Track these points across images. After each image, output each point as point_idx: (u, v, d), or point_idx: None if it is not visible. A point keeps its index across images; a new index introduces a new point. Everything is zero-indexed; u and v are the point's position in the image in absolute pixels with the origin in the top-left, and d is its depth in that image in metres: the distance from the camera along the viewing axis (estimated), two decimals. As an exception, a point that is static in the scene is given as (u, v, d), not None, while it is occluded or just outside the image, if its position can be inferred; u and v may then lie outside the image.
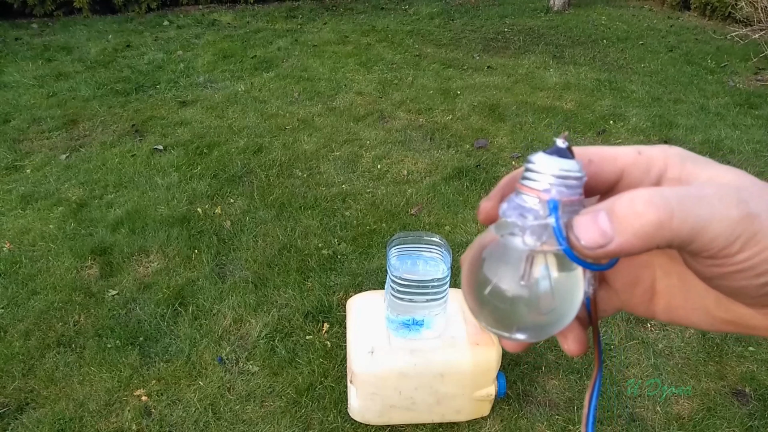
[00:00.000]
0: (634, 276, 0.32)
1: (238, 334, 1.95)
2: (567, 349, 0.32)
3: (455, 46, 4.94)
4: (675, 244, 0.25)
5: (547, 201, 0.27)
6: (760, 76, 4.24)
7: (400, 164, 3.01)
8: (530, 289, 0.28)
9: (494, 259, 0.29)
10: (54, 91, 3.88)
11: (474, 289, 0.30)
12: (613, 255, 0.26)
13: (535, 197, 0.28)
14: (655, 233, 0.25)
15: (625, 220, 0.25)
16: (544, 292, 0.28)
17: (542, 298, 0.28)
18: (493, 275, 0.29)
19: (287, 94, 3.89)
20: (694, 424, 1.65)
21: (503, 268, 0.29)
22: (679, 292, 0.31)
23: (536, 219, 0.28)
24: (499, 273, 0.29)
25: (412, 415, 1.58)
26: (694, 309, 0.31)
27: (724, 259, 0.26)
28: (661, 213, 0.25)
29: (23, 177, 2.88)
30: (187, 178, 2.86)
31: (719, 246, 0.25)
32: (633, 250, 0.25)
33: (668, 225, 0.25)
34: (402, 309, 1.46)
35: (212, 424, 1.65)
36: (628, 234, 0.25)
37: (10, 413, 1.67)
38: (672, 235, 0.25)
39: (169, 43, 4.92)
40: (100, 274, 2.21)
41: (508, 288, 0.28)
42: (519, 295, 0.28)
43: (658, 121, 3.45)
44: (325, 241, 2.40)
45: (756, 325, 0.29)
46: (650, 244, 0.25)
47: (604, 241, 0.26)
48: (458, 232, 2.47)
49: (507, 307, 0.29)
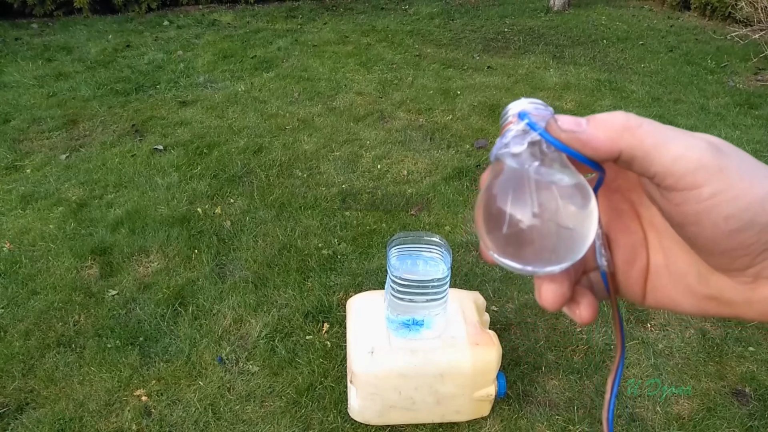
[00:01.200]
0: (632, 251, 0.33)
1: (238, 334, 1.95)
2: (578, 315, 0.32)
3: (455, 46, 4.94)
4: (638, 158, 0.27)
5: (518, 113, 0.31)
6: (760, 76, 4.24)
7: (400, 164, 3.01)
8: (540, 207, 0.28)
9: (502, 192, 0.29)
10: (54, 91, 3.88)
11: (488, 224, 0.30)
12: (582, 144, 0.28)
13: (512, 124, 0.31)
14: (621, 134, 0.27)
15: (600, 119, 0.28)
16: (554, 207, 0.28)
17: (554, 216, 0.28)
18: (504, 203, 0.29)
19: (287, 94, 3.89)
20: (694, 424, 1.65)
21: (511, 194, 0.29)
22: (664, 270, 0.32)
23: (517, 130, 0.30)
24: (508, 200, 0.29)
25: (412, 415, 1.58)
26: (677, 287, 0.32)
27: (687, 191, 0.26)
28: (631, 120, 0.27)
29: (23, 177, 2.88)
30: (187, 178, 2.86)
31: (682, 171, 0.26)
32: (598, 146, 0.28)
33: (634, 130, 0.27)
34: (402, 309, 1.46)
35: (212, 424, 1.65)
36: (598, 128, 0.28)
37: (10, 413, 1.67)
38: (636, 141, 0.27)
39: (169, 43, 4.92)
40: (100, 274, 2.21)
41: (520, 213, 0.28)
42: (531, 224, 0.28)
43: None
44: (325, 241, 2.40)
45: (735, 300, 0.29)
46: (614, 144, 0.27)
47: (577, 129, 0.28)
48: (458, 232, 2.47)
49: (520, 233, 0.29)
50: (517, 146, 0.29)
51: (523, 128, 0.30)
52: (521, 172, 0.29)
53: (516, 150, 0.29)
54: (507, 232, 0.29)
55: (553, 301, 0.31)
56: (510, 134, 0.30)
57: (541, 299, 0.32)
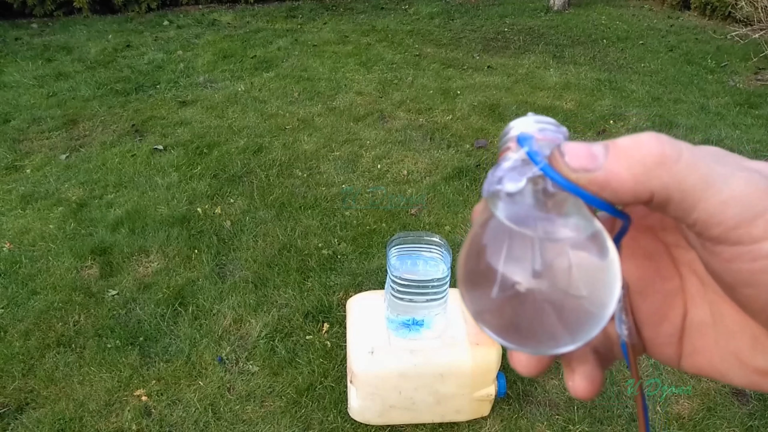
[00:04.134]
0: (662, 306, 0.26)
1: (238, 334, 1.95)
2: (572, 386, 0.26)
3: (455, 46, 4.94)
4: (676, 199, 0.20)
5: (517, 137, 0.23)
6: (760, 76, 4.23)
7: (400, 164, 3.01)
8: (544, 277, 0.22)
9: (493, 243, 0.23)
10: (54, 91, 3.88)
11: (472, 285, 0.24)
12: (599, 187, 0.21)
13: (511, 153, 0.24)
14: (652, 171, 0.20)
15: (623, 149, 0.21)
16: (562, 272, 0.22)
17: (562, 280, 0.22)
18: (497, 263, 0.23)
19: (287, 94, 3.89)
20: (694, 424, 1.65)
21: (507, 253, 0.23)
22: (708, 329, 0.26)
23: (515, 160, 0.23)
24: (502, 260, 0.23)
25: (412, 415, 1.58)
26: (722, 353, 0.25)
27: (739, 246, 0.20)
28: (667, 149, 0.20)
29: (23, 177, 2.88)
30: (187, 178, 2.86)
31: (731, 219, 0.19)
32: (622, 189, 0.21)
33: (671, 165, 0.20)
34: (402, 309, 1.46)
35: (212, 424, 1.65)
36: (621, 164, 0.20)
37: (10, 413, 1.67)
38: (673, 182, 0.20)
39: (169, 43, 4.92)
40: (100, 274, 2.21)
41: (517, 278, 0.22)
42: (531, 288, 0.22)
43: (658, 120, 3.45)
44: (325, 241, 2.40)
45: None
46: (644, 186, 0.20)
47: (591, 165, 0.21)
48: (458, 232, 2.47)
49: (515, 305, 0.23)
50: (512, 182, 0.23)
51: (523, 157, 0.23)
52: (517, 218, 0.23)
53: (511, 188, 0.23)
54: (497, 298, 0.23)
55: (530, 368, 0.26)
56: (505, 165, 0.23)
57: (514, 362, 0.26)
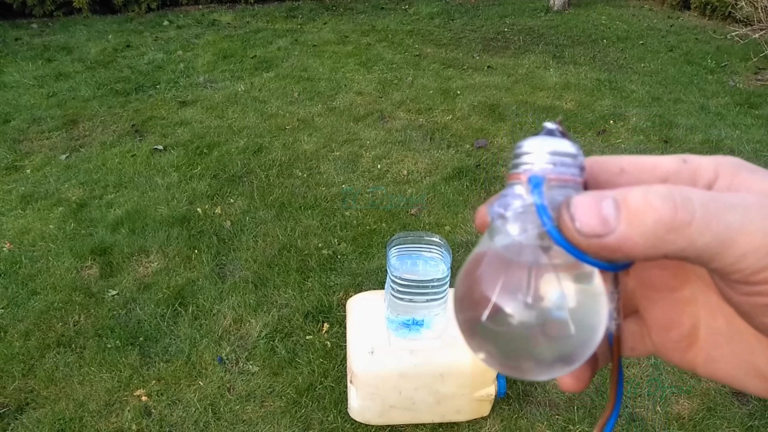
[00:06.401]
0: (671, 313, 0.26)
1: (238, 334, 1.95)
2: (560, 381, 0.27)
3: (455, 46, 4.94)
4: (692, 257, 0.21)
5: (528, 178, 0.23)
6: (760, 76, 4.23)
7: (400, 164, 3.01)
8: (536, 309, 0.23)
9: (489, 274, 0.24)
10: (54, 91, 3.88)
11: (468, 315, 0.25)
12: (610, 252, 0.21)
13: (521, 183, 0.23)
14: (665, 237, 0.20)
15: (636, 212, 0.20)
16: (555, 312, 0.23)
17: (553, 320, 0.23)
18: (491, 293, 0.23)
19: (287, 94, 3.89)
20: (694, 424, 1.65)
21: (501, 284, 0.23)
22: (725, 340, 0.25)
23: (523, 205, 0.23)
24: (496, 291, 0.23)
25: (412, 415, 1.58)
26: (740, 364, 0.25)
27: (759, 286, 0.20)
28: (678, 213, 0.20)
29: (23, 177, 2.88)
30: (187, 178, 2.86)
31: (750, 267, 0.20)
32: (634, 252, 0.21)
33: (683, 230, 0.20)
34: (402, 309, 1.46)
35: (212, 424, 1.65)
36: (634, 230, 0.20)
37: (10, 413, 1.67)
38: (686, 244, 0.20)
39: (169, 43, 4.92)
40: (100, 274, 2.21)
41: (509, 311, 0.23)
42: (523, 320, 0.23)
43: (658, 120, 3.45)
44: (325, 241, 2.40)
45: None
46: (657, 251, 0.20)
47: (603, 231, 0.21)
48: (458, 232, 2.47)
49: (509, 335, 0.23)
50: (516, 224, 0.23)
51: (531, 204, 0.22)
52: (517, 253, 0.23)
53: (515, 231, 0.23)
54: (489, 327, 0.23)
55: (573, 386, 0.27)
56: (512, 206, 0.23)
57: (560, 382, 0.27)
